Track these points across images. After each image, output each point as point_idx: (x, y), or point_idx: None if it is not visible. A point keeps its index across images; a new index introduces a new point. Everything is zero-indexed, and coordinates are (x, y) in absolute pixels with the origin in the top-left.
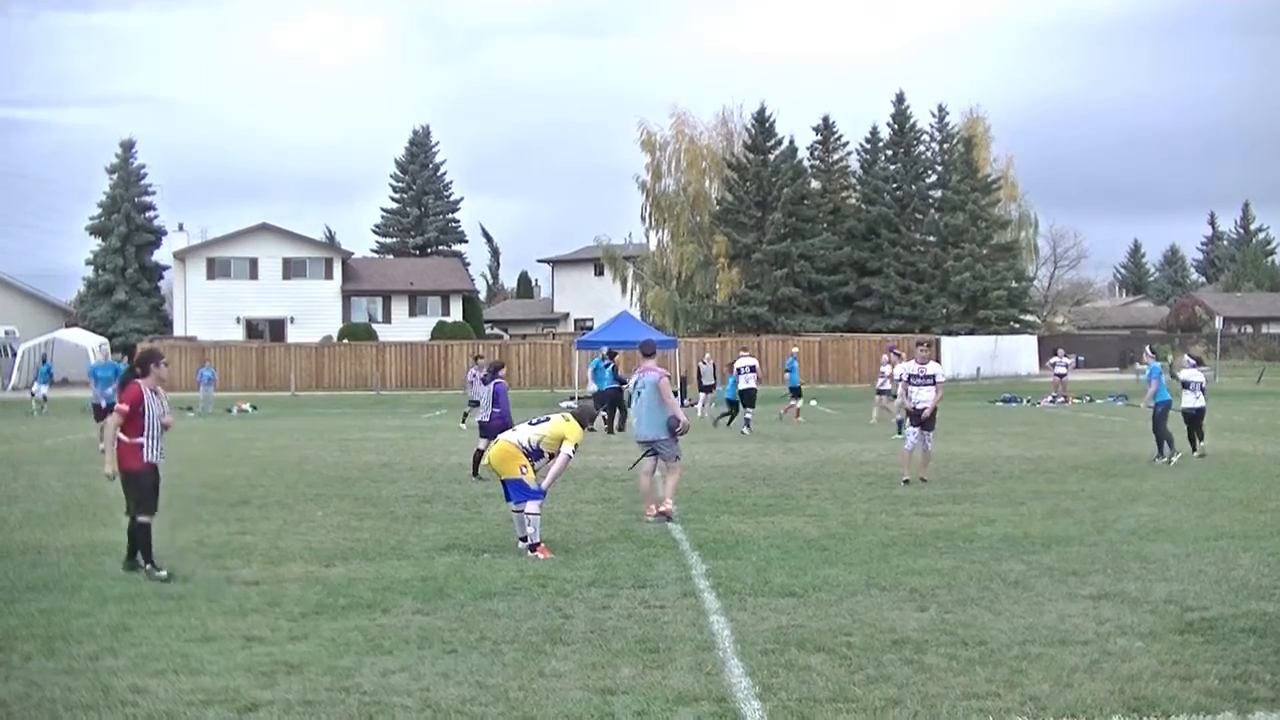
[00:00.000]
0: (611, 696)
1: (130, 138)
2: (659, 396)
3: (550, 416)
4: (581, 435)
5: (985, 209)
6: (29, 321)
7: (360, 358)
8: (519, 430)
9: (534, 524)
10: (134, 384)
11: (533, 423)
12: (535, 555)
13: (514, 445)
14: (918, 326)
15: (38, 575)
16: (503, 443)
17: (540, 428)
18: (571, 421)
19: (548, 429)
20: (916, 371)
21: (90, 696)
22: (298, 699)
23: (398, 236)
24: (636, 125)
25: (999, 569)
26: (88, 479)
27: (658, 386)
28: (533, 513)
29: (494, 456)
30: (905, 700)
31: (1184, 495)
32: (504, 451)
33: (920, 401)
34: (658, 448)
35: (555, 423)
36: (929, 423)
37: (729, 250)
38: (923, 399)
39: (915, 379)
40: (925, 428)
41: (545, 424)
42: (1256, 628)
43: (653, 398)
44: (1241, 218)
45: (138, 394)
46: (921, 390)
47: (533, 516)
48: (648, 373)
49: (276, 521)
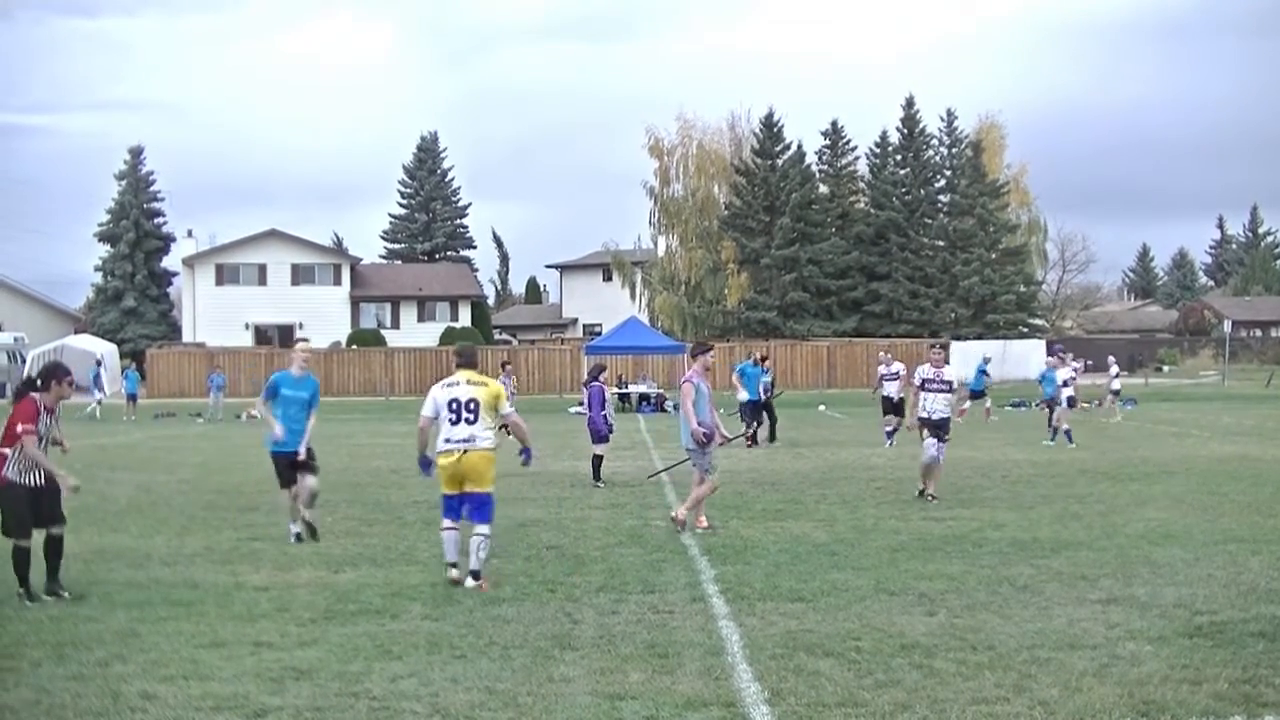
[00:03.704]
0: (620, 701)
1: (139, 144)
2: (683, 404)
3: (473, 397)
4: (503, 388)
5: (994, 213)
6: (38, 328)
7: (369, 364)
8: (479, 431)
9: (487, 548)
10: (29, 398)
11: (472, 420)
12: (480, 586)
13: (492, 451)
14: (926, 331)
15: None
16: (481, 451)
17: (481, 412)
18: (488, 380)
19: (483, 402)
20: (933, 376)
21: (100, 703)
22: (307, 704)
23: (406, 242)
24: (644, 131)
25: (1008, 573)
26: (97, 485)
27: (681, 393)
28: (488, 535)
29: (475, 468)
30: (914, 705)
31: (1192, 499)
32: (487, 460)
33: (937, 410)
34: (691, 458)
35: (482, 392)
36: (944, 432)
37: (737, 255)
38: (938, 407)
39: (931, 384)
40: (941, 437)
41: (478, 405)
42: (1266, 631)
43: (683, 405)
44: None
45: (31, 410)
46: (939, 397)
47: (488, 540)
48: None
49: (285, 527)
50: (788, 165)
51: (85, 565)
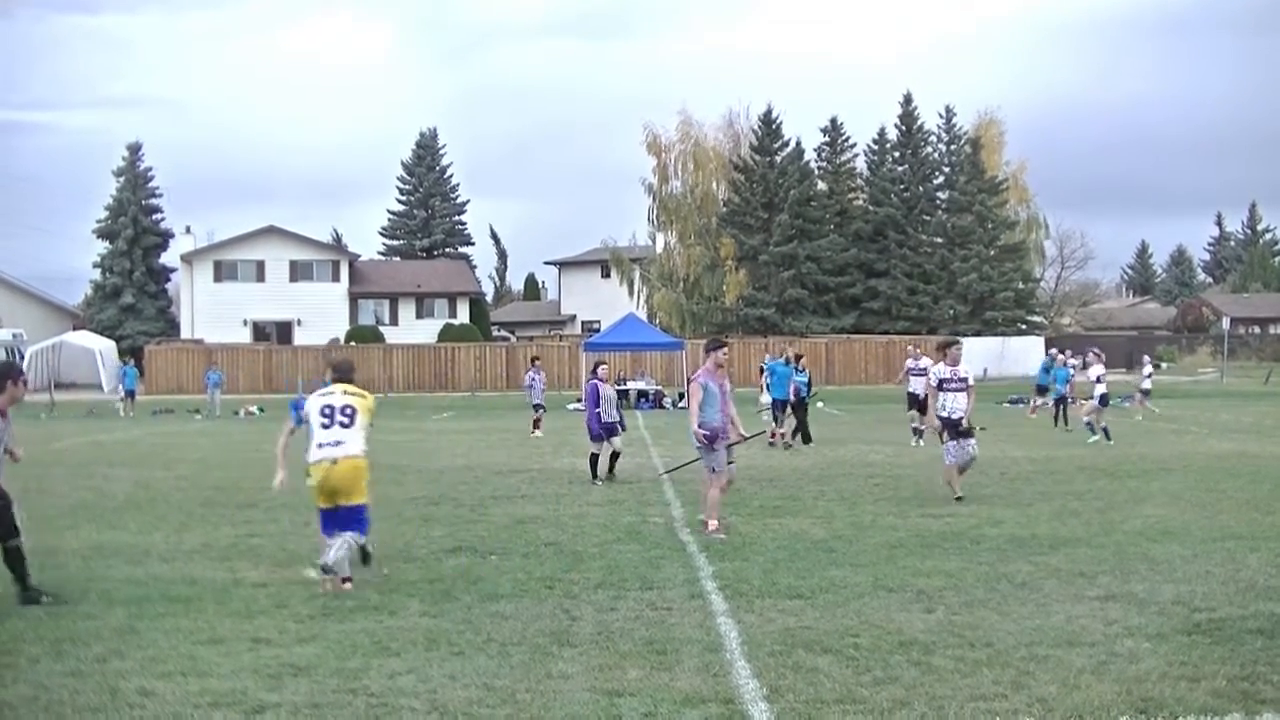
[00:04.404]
0: (619, 698)
1: (137, 140)
2: (689, 405)
3: (348, 403)
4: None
5: (992, 210)
6: (36, 324)
7: (367, 360)
8: (350, 435)
9: (347, 552)
10: None
11: (346, 424)
12: (324, 584)
13: (364, 459)
14: (925, 328)
15: (45, 578)
16: (352, 460)
17: (358, 419)
18: (365, 394)
19: (359, 409)
20: (949, 375)
21: (98, 699)
22: (305, 701)
23: (404, 239)
24: (642, 128)
25: (1006, 570)
26: (95, 482)
27: (689, 392)
28: (355, 543)
29: (346, 479)
30: (912, 702)
31: (1191, 496)
32: (358, 470)
33: (957, 410)
34: (701, 457)
35: (359, 404)
36: (969, 430)
37: (736, 252)
38: (958, 406)
39: (949, 383)
40: (966, 436)
41: (354, 411)
42: (1264, 629)
43: (690, 406)
44: (1249, 218)
45: None
46: (958, 396)
47: (352, 546)
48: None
49: (284, 524)
50: (786, 162)
51: (84, 561)
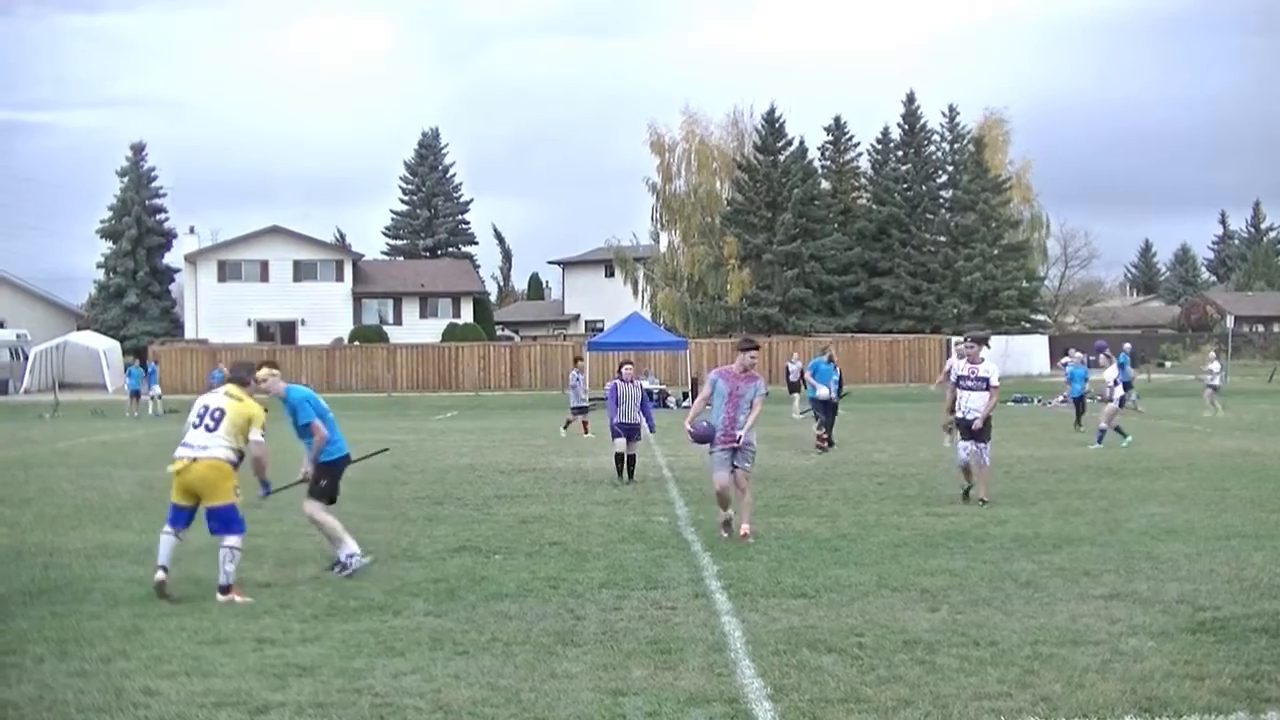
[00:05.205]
0: (623, 698)
1: (140, 140)
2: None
3: (220, 406)
4: (263, 412)
5: (996, 209)
6: (40, 325)
7: (371, 360)
8: (213, 440)
9: (235, 560)
10: None
11: (211, 427)
12: (232, 600)
13: (226, 462)
14: (928, 327)
15: (50, 578)
16: (211, 460)
17: (224, 424)
18: (246, 399)
19: (229, 419)
20: (968, 373)
21: (102, 699)
22: (309, 701)
23: (408, 238)
24: (646, 127)
25: (1010, 569)
26: (100, 482)
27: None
28: (236, 547)
29: (205, 479)
30: (917, 701)
31: (1195, 495)
32: (218, 470)
33: (972, 410)
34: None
35: (232, 407)
36: (982, 433)
37: (740, 251)
38: (974, 407)
39: (967, 381)
40: (979, 439)
41: (222, 415)
42: (1269, 627)
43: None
44: (1253, 216)
45: None
46: (973, 395)
47: (236, 551)
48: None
49: (288, 523)
50: (790, 161)
51: (88, 561)
